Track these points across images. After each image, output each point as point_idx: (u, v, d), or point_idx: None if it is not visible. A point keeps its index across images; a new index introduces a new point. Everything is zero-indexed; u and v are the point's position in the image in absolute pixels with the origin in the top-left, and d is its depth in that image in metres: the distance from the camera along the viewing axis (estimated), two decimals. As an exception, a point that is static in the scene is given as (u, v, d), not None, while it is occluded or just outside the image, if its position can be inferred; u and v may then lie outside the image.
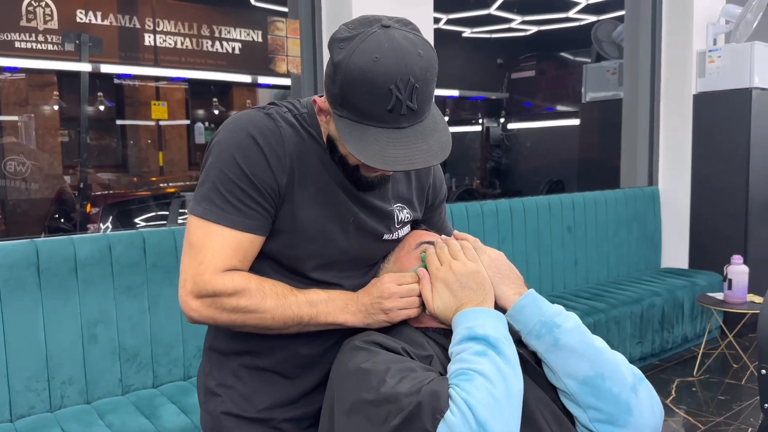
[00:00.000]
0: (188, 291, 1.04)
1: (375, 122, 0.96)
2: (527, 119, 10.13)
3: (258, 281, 1.06)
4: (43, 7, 5.89)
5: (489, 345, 0.92)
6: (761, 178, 4.10)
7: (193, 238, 1.05)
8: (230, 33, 7.20)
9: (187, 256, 1.05)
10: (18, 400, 2.03)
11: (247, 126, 1.05)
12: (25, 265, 2.04)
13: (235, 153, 1.03)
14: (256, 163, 1.03)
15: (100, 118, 7.15)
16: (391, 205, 1.18)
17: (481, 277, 1.05)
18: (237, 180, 1.03)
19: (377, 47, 0.94)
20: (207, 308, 1.04)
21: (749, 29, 4.11)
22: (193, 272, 1.03)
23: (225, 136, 1.06)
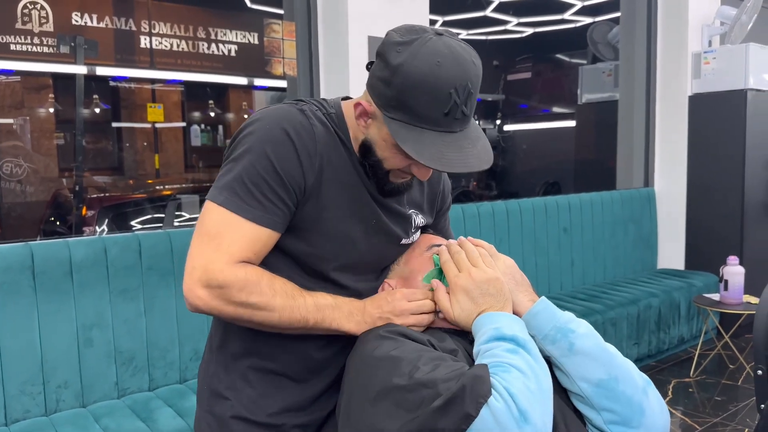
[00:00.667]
0: (196, 279, 1.00)
1: (430, 125, 0.99)
2: (523, 121, 10.15)
3: (270, 278, 1.04)
4: (39, 10, 5.88)
5: (518, 344, 0.93)
6: (757, 179, 4.11)
7: (210, 226, 1.02)
8: (226, 35, 7.20)
9: (200, 243, 1.01)
10: (13, 404, 2.02)
11: (282, 120, 1.04)
12: (20, 269, 2.03)
13: (266, 147, 1.02)
14: (287, 160, 1.02)
15: (95, 121, 7.13)
16: (408, 210, 1.20)
17: (500, 284, 1.05)
18: (265, 174, 1.01)
19: (438, 52, 0.97)
20: (214, 299, 1.01)
21: (744, 31, 4.12)
22: (206, 260, 1.00)
23: (258, 128, 1.04)
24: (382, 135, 1.04)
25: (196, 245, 1.02)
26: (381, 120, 1.02)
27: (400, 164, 1.06)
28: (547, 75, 9.86)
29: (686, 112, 4.29)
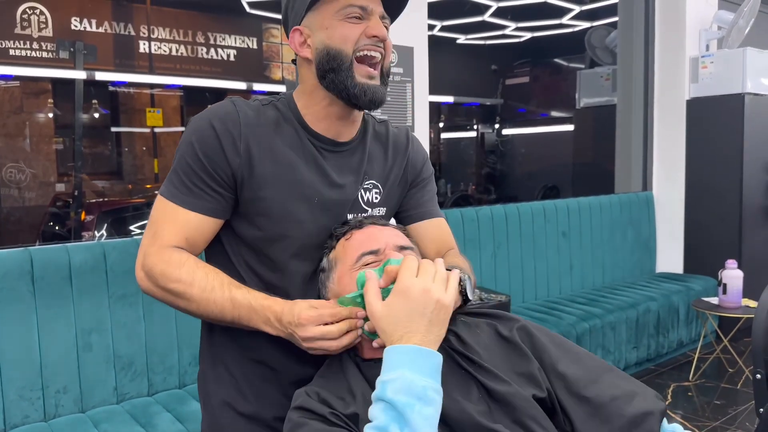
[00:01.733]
0: (139, 261, 1.09)
1: None
2: (522, 125, 10.17)
3: (192, 267, 1.06)
4: (38, 15, 5.89)
5: (394, 415, 0.81)
6: (755, 182, 4.12)
7: (152, 215, 1.11)
8: (225, 40, 7.21)
9: (146, 231, 1.11)
10: (12, 410, 2.01)
11: (209, 114, 1.11)
12: (19, 274, 2.03)
13: (192, 138, 1.09)
14: (209, 147, 1.08)
15: (94, 126, 7.14)
16: (358, 184, 1.19)
17: (446, 315, 0.91)
18: (192, 162, 1.09)
19: None
20: (146, 281, 1.08)
21: (741, 35, 4.14)
22: (145, 245, 1.09)
23: (189, 126, 1.13)
24: (324, 27, 1.10)
25: (144, 233, 1.12)
26: (314, 20, 1.11)
27: (353, 33, 1.09)
28: (545, 79, 9.88)
29: (684, 116, 4.31)
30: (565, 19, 7.98)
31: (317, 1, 1.10)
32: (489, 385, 0.96)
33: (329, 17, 1.10)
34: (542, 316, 3.25)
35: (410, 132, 1.34)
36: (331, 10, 1.09)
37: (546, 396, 0.97)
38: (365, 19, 1.10)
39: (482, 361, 0.99)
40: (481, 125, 10.37)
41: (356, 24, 1.09)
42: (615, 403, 0.97)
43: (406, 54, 2.88)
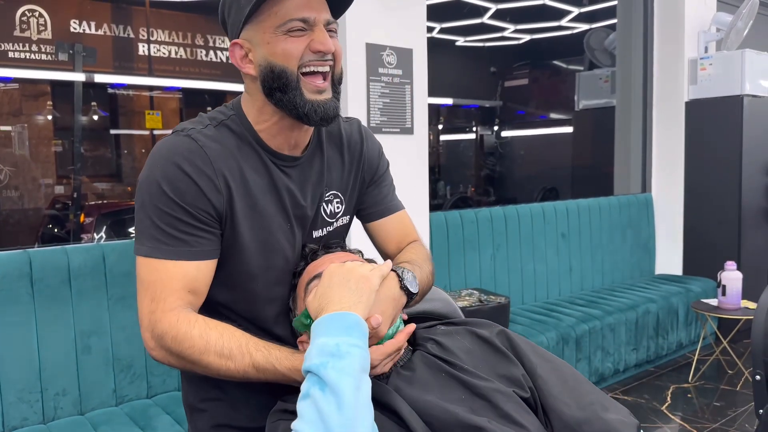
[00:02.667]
0: (145, 330, 1.01)
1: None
2: (521, 127, 10.17)
3: (203, 329, 0.99)
4: (37, 18, 5.88)
5: (314, 380, 0.82)
6: (754, 184, 4.12)
7: (143, 278, 1.02)
8: (224, 42, 7.20)
9: (141, 296, 1.02)
10: (11, 412, 2.01)
11: (169, 154, 1.03)
12: (18, 276, 2.03)
13: (163, 185, 1.01)
14: (186, 192, 1.01)
15: (93, 128, 7.13)
16: (321, 198, 1.18)
17: (368, 285, 0.95)
18: (170, 211, 1.01)
19: None
20: (159, 350, 1.01)
21: (740, 37, 4.14)
22: (147, 310, 1.00)
23: (151, 171, 1.03)
24: (265, 42, 1.03)
25: (139, 299, 1.02)
26: (254, 34, 1.04)
27: (296, 48, 1.02)
28: (544, 81, 9.89)
29: (683, 117, 4.31)
30: (564, 21, 7.99)
31: (253, 13, 1.02)
32: (471, 382, 0.97)
33: (270, 32, 1.02)
34: (541, 318, 3.25)
35: (361, 125, 1.28)
36: (271, 24, 1.02)
37: (529, 396, 0.98)
38: (308, 30, 1.03)
39: (463, 364, 1.01)
40: (480, 127, 10.37)
41: (299, 38, 1.02)
42: (592, 407, 1.00)
43: (405, 56, 2.88)
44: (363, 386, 0.82)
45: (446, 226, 3.24)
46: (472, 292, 3.06)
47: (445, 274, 3.21)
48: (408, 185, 2.98)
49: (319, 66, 1.04)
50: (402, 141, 2.92)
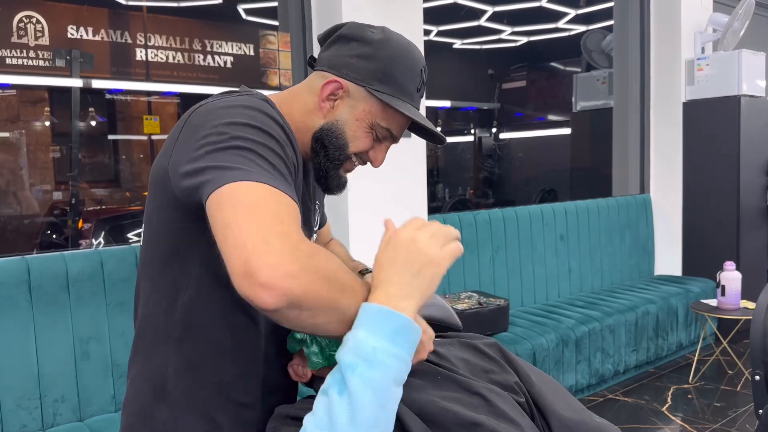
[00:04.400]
0: (277, 250, 0.72)
1: (407, 99, 1.05)
2: (519, 129, 10.18)
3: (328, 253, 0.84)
4: (34, 24, 5.89)
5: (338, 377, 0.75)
6: (752, 184, 4.13)
7: (257, 199, 0.77)
8: (222, 47, 7.21)
9: (252, 217, 0.75)
10: (10, 419, 2.01)
11: (261, 105, 0.92)
12: (16, 283, 2.02)
13: (259, 122, 0.88)
14: (283, 139, 0.90)
15: (91, 134, 7.14)
16: (315, 208, 1.20)
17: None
18: (273, 146, 0.86)
19: (403, 36, 1.07)
20: (307, 273, 0.73)
21: (736, 37, 4.15)
22: (276, 230, 0.74)
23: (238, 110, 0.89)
24: (356, 113, 1.04)
25: (245, 222, 0.74)
26: (358, 96, 1.03)
27: (365, 146, 1.06)
28: (541, 83, 9.90)
29: (681, 118, 4.32)
30: (560, 23, 8.01)
31: (390, 97, 1.01)
32: (467, 382, 0.98)
33: (368, 115, 1.03)
34: (541, 320, 3.25)
35: None
36: (378, 114, 1.04)
37: (524, 401, 0.99)
38: (383, 141, 1.08)
39: (457, 369, 1.02)
40: (479, 129, 10.38)
41: (375, 140, 1.07)
42: (584, 412, 1.04)
43: (402, 59, 2.89)
44: (389, 403, 0.75)
45: (445, 229, 3.24)
46: (471, 295, 3.05)
47: (444, 276, 3.20)
48: (406, 188, 2.99)
49: (361, 165, 1.12)
50: (400, 144, 2.91)
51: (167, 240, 0.96)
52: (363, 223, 2.82)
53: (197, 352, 0.98)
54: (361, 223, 2.82)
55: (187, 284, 0.96)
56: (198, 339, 0.98)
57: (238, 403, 1.01)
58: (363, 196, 2.80)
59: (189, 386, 0.98)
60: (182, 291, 0.96)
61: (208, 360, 0.98)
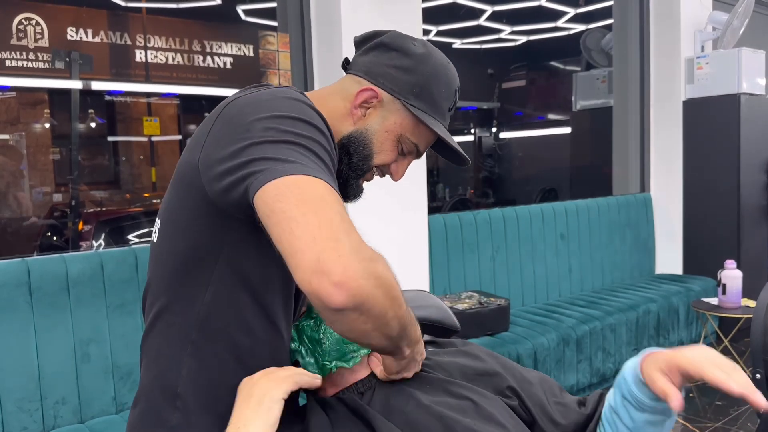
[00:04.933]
0: (347, 250, 0.71)
1: (439, 117, 1.04)
2: (519, 128, 10.18)
3: None
4: (34, 26, 5.89)
5: None
6: (752, 182, 4.12)
7: (319, 192, 0.75)
8: (221, 48, 7.21)
9: (321, 212, 0.73)
10: (10, 421, 2.00)
11: (304, 99, 0.91)
12: (16, 285, 2.02)
13: (312, 120, 0.86)
14: (328, 136, 0.89)
15: (91, 135, 7.14)
16: None
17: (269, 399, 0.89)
18: (324, 143, 0.85)
19: (442, 54, 1.07)
20: (368, 277, 0.71)
21: (736, 35, 4.15)
22: (345, 228, 0.73)
23: (289, 103, 0.88)
24: (386, 124, 1.03)
25: (317, 215, 0.72)
26: (392, 108, 1.02)
27: (390, 159, 1.05)
28: (541, 82, 9.90)
29: (681, 117, 4.31)
30: (560, 23, 8.00)
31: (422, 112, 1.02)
32: (455, 391, 0.98)
33: (398, 128, 1.03)
34: (542, 320, 3.25)
35: None
36: (410, 128, 1.03)
37: (517, 404, 0.99)
38: (407, 156, 1.08)
39: (444, 375, 1.02)
40: (478, 129, 10.38)
41: (400, 154, 1.06)
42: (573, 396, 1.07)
43: (401, 59, 2.88)
44: None
45: (445, 229, 3.24)
46: (472, 295, 3.05)
47: (444, 276, 3.21)
48: (406, 188, 2.98)
49: (380, 177, 1.11)
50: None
51: (189, 238, 0.93)
52: (363, 223, 2.81)
53: (214, 355, 0.95)
54: (360, 223, 2.81)
55: (208, 285, 0.92)
56: (216, 342, 0.94)
57: None
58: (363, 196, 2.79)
59: (203, 389, 0.95)
60: (202, 292, 0.93)
61: (225, 364, 0.96)
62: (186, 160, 0.93)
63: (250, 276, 0.92)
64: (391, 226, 2.82)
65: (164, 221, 0.98)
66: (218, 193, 0.85)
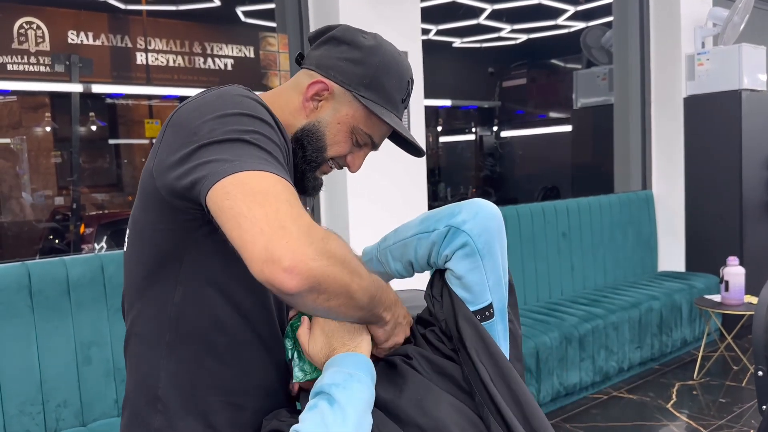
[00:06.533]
0: (295, 235, 0.73)
1: (392, 108, 1.05)
2: (520, 127, 10.17)
3: None
4: (35, 30, 5.90)
5: (322, 396, 0.83)
6: (754, 178, 4.11)
7: (263, 187, 0.77)
8: (222, 49, 7.21)
9: (265, 203, 0.75)
10: (13, 425, 2.01)
11: (252, 96, 0.92)
12: (17, 288, 2.02)
13: (256, 112, 0.88)
14: (274, 129, 0.90)
15: (92, 138, 7.15)
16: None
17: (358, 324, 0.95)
18: (270, 135, 0.86)
19: (394, 46, 1.07)
20: (321, 257, 0.74)
21: (736, 31, 4.13)
22: (290, 215, 0.75)
23: (231, 99, 0.89)
24: (338, 116, 1.03)
25: (260, 210, 0.75)
26: (343, 100, 1.03)
27: (344, 150, 1.06)
28: (542, 81, 9.89)
29: (682, 113, 4.30)
30: (560, 20, 7.99)
31: (375, 104, 1.02)
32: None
33: (350, 120, 1.03)
34: (544, 318, 3.24)
35: None
36: (362, 120, 1.03)
37: None
38: (362, 148, 1.08)
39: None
40: (479, 128, 10.37)
41: (353, 146, 1.06)
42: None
43: (400, 59, 2.88)
44: (365, 421, 0.83)
45: (446, 228, 3.23)
46: (473, 294, 3.04)
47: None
48: (407, 188, 2.98)
49: (338, 169, 1.11)
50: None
51: (153, 244, 0.95)
52: (362, 209, 2.81)
53: (190, 355, 0.96)
54: (360, 209, 2.81)
55: (176, 286, 0.94)
56: (190, 342, 0.96)
57: (235, 406, 0.99)
58: (363, 184, 2.78)
59: (183, 390, 0.96)
60: (171, 294, 0.95)
61: (202, 363, 0.97)
62: (145, 170, 0.95)
63: (216, 275, 0.94)
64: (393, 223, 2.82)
65: (131, 230, 1.01)
66: (175, 196, 0.87)
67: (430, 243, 1.00)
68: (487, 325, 0.99)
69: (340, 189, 2.83)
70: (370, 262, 1.09)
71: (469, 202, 1.01)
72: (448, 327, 0.99)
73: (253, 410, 1.01)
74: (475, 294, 0.99)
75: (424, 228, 1.01)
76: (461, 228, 0.97)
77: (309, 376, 0.99)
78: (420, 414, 0.90)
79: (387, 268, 1.08)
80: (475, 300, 0.99)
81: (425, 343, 1.02)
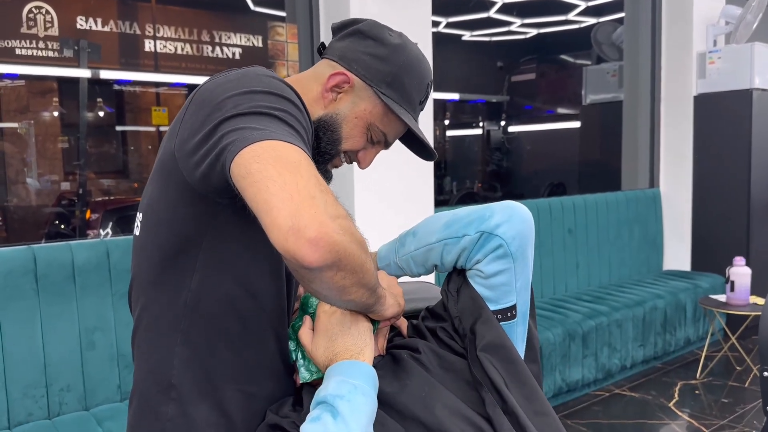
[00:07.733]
0: (322, 207, 0.70)
1: (409, 109, 1.05)
2: (528, 122, 10.13)
3: None
4: (44, 14, 5.90)
5: (325, 407, 0.82)
6: (763, 179, 4.08)
7: (293, 156, 0.74)
8: (230, 38, 7.20)
9: (296, 171, 0.72)
10: (16, 408, 2.02)
11: (274, 74, 0.91)
12: (23, 272, 2.03)
13: (286, 94, 0.86)
14: (303, 111, 0.88)
15: (100, 125, 7.16)
16: None
17: (366, 326, 0.94)
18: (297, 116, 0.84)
19: (418, 47, 1.07)
20: (345, 233, 0.72)
21: (749, 30, 4.10)
22: (320, 187, 0.73)
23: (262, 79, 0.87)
24: (356, 110, 1.03)
25: (293, 175, 0.72)
26: (363, 94, 1.02)
27: (358, 145, 1.05)
28: (551, 76, 9.84)
29: (691, 112, 4.27)
30: (571, 15, 7.94)
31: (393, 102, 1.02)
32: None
33: (368, 115, 1.03)
34: (548, 314, 3.23)
35: None
36: (380, 117, 1.03)
37: None
38: (376, 145, 1.08)
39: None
40: (487, 122, 10.33)
41: (368, 142, 1.06)
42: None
43: (410, 50, 2.87)
44: (371, 425, 0.83)
45: (452, 222, 3.23)
46: (477, 288, 3.04)
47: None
48: (413, 181, 2.97)
49: (348, 163, 1.11)
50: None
51: (173, 228, 0.93)
52: (369, 204, 2.81)
53: (205, 342, 0.95)
54: (367, 204, 2.81)
55: (194, 273, 0.92)
56: (205, 328, 0.94)
57: (248, 394, 0.98)
58: (370, 176, 2.78)
59: (197, 378, 0.95)
60: (188, 280, 0.93)
61: (217, 350, 0.95)
62: (164, 151, 0.93)
63: (236, 262, 0.93)
64: (398, 216, 2.81)
65: (146, 214, 0.99)
66: (198, 178, 0.84)
67: (460, 248, 0.98)
68: (507, 325, 0.99)
69: (347, 182, 2.83)
70: (388, 267, 1.07)
71: (501, 204, 1.01)
72: (462, 324, 0.98)
73: (265, 398, 1.01)
74: (499, 294, 0.99)
75: (451, 233, 0.98)
76: (494, 233, 0.97)
77: (316, 376, 0.98)
78: (422, 408, 0.89)
79: (408, 272, 1.06)
80: (498, 299, 0.99)
81: (436, 338, 1.01)
